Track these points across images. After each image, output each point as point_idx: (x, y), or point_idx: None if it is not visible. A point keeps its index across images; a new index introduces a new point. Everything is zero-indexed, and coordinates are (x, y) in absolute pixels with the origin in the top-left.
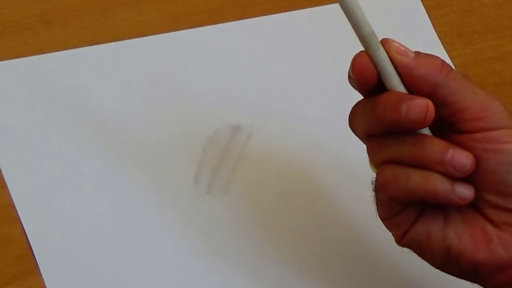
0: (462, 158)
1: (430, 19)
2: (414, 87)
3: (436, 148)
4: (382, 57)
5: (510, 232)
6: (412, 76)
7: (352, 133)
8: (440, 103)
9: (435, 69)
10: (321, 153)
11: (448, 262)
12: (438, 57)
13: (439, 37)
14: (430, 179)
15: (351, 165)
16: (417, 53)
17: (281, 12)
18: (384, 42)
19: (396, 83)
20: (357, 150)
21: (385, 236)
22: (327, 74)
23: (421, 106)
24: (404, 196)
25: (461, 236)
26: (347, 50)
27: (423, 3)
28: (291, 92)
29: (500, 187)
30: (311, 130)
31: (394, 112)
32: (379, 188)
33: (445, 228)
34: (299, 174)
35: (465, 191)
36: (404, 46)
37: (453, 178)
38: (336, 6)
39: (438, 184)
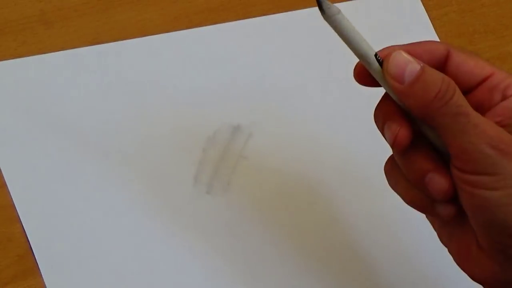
0: (438, 186)
1: (430, 19)
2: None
3: (418, 168)
4: (378, 76)
5: (488, 255)
6: (404, 102)
7: (352, 133)
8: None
9: (426, 103)
10: (321, 153)
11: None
12: (439, 82)
13: (439, 37)
14: (409, 193)
15: (351, 164)
16: (417, 77)
17: (281, 12)
18: (384, 60)
19: (394, 97)
20: (357, 150)
21: (386, 236)
22: (327, 74)
23: (390, 136)
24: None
25: (451, 239)
26: (347, 50)
27: (423, 3)
28: (291, 92)
29: (476, 223)
30: (311, 130)
31: (381, 128)
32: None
33: (443, 226)
34: (299, 174)
35: (443, 212)
36: (405, 65)
37: None
38: (337, 6)
39: (417, 201)
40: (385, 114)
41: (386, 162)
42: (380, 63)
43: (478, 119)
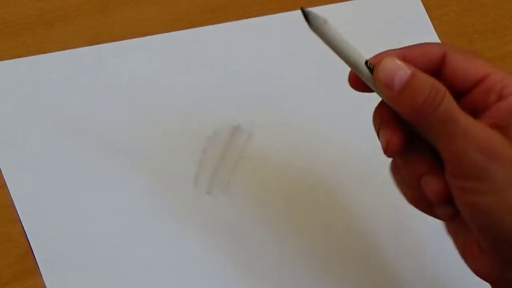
0: (433, 189)
1: (430, 19)
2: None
3: (414, 171)
4: (370, 83)
5: (487, 257)
6: (395, 108)
7: (352, 133)
8: None
9: (414, 109)
10: (321, 153)
11: None
12: (428, 88)
13: (439, 37)
14: (410, 193)
15: (351, 164)
16: (406, 83)
17: (281, 12)
18: (375, 67)
19: (388, 103)
20: (357, 150)
21: (386, 236)
22: (327, 74)
23: (383, 142)
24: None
25: (458, 236)
26: None
27: (423, 3)
28: (291, 92)
29: (472, 226)
30: (311, 130)
31: (377, 132)
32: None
33: (450, 223)
34: (299, 174)
35: (440, 213)
36: (395, 71)
37: None
38: (337, 6)
39: (417, 201)
40: (380, 119)
41: (391, 161)
42: (371, 70)
43: (468, 124)
